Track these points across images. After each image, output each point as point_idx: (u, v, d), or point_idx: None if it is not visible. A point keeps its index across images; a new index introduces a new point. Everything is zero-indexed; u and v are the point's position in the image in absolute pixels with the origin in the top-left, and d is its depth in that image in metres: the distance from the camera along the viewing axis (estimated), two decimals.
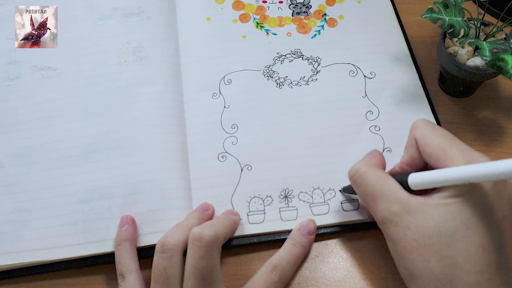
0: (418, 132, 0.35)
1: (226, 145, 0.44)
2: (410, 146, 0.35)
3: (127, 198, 0.41)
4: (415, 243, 0.31)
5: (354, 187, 0.37)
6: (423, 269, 0.31)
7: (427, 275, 0.31)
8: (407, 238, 0.32)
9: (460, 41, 0.41)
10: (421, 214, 0.31)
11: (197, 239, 0.34)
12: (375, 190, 0.34)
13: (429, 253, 0.31)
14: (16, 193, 0.42)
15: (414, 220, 0.31)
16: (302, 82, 0.48)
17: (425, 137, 0.34)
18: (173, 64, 0.49)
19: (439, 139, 0.33)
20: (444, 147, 0.33)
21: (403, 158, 0.36)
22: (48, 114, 0.46)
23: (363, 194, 0.36)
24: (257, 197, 0.42)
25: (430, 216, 0.31)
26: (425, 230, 0.31)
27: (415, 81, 0.48)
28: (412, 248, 0.31)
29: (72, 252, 0.39)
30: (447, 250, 0.30)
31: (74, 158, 0.43)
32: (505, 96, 0.48)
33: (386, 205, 0.33)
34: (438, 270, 0.30)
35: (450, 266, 0.30)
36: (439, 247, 0.30)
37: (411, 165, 0.35)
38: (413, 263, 0.31)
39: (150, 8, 0.52)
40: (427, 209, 0.31)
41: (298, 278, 0.39)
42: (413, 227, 0.31)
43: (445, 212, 0.31)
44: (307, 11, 0.54)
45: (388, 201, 0.33)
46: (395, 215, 0.32)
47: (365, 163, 0.36)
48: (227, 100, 0.47)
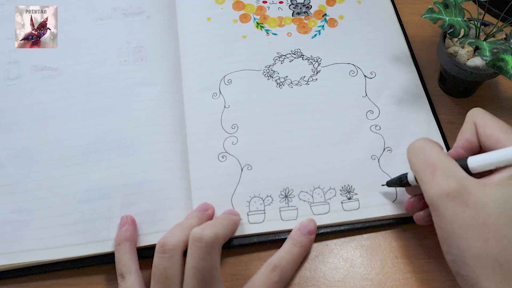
0: (478, 117, 0.35)
1: (226, 145, 0.44)
2: (467, 130, 0.35)
3: (127, 198, 0.41)
4: (473, 221, 0.30)
5: (414, 157, 0.35)
6: (480, 248, 0.30)
7: (485, 254, 0.30)
8: (464, 215, 0.31)
9: (460, 41, 0.41)
10: (481, 193, 0.31)
11: (197, 239, 0.34)
12: (437, 162, 0.33)
13: (488, 232, 0.30)
14: (16, 193, 0.42)
15: (473, 198, 0.31)
16: (302, 82, 0.48)
17: (486, 121, 0.34)
18: (173, 64, 0.49)
19: (499, 124, 0.34)
20: (505, 129, 0.33)
21: (458, 142, 0.36)
22: (48, 114, 0.46)
23: (422, 164, 0.34)
24: (257, 197, 0.42)
25: (490, 196, 0.31)
26: (485, 209, 0.30)
27: (415, 81, 0.48)
28: (470, 226, 0.30)
29: (72, 252, 0.39)
30: (506, 231, 0.30)
31: (74, 158, 0.43)
32: (505, 96, 0.48)
33: (445, 178, 0.32)
34: (497, 250, 0.30)
35: (509, 246, 0.30)
36: (498, 227, 0.30)
37: (467, 148, 0.35)
38: (469, 242, 0.31)
39: (150, 8, 0.52)
40: (487, 189, 0.31)
41: (298, 278, 0.39)
42: (472, 204, 0.31)
43: (505, 193, 0.30)
44: (307, 11, 0.54)
45: (448, 174, 0.32)
46: (454, 190, 0.31)
47: (428, 139, 0.36)
48: (227, 100, 0.47)
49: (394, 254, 0.40)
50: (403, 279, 0.38)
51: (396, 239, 0.40)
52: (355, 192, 0.42)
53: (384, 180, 0.42)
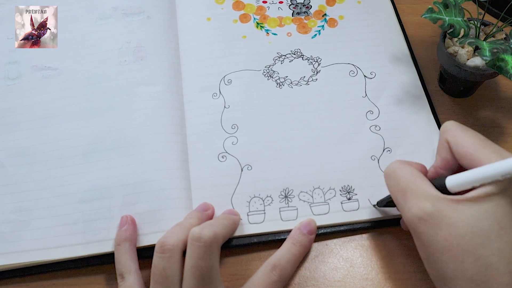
0: (449, 134, 0.34)
1: (226, 145, 0.44)
2: (442, 148, 0.35)
3: (127, 198, 0.41)
4: (447, 244, 0.30)
5: (387, 181, 0.36)
6: (456, 270, 0.30)
7: (461, 276, 0.30)
8: (438, 238, 0.30)
9: (460, 41, 0.41)
10: (453, 212, 0.30)
11: (196, 239, 0.34)
12: (407, 185, 0.33)
13: (463, 254, 0.30)
14: (16, 193, 0.42)
15: (445, 218, 0.30)
16: (302, 82, 0.48)
17: (457, 139, 0.33)
18: (173, 64, 0.49)
19: (472, 140, 0.33)
20: (478, 146, 0.32)
21: (436, 162, 0.35)
22: (48, 114, 0.46)
23: (394, 189, 0.34)
24: (257, 197, 0.42)
25: (462, 214, 0.30)
26: (457, 229, 0.30)
27: (415, 81, 0.48)
28: (444, 248, 0.30)
29: (72, 252, 0.39)
30: (481, 250, 0.29)
31: (74, 158, 0.43)
32: (505, 96, 0.48)
33: (416, 201, 0.32)
34: (472, 271, 0.29)
35: (485, 266, 0.29)
36: (473, 247, 0.29)
37: (445, 168, 0.35)
38: (445, 264, 0.30)
39: (150, 8, 0.52)
40: (459, 207, 0.30)
41: (298, 278, 0.39)
42: (445, 226, 0.30)
43: (478, 210, 0.30)
44: (307, 11, 0.54)
45: (419, 197, 0.32)
46: (425, 213, 0.31)
47: (403, 161, 0.36)
48: (227, 100, 0.47)
49: (394, 254, 0.40)
50: (403, 279, 0.38)
51: (396, 239, 0.40)
52: (355, 193, 0.42)
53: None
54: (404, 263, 0.39)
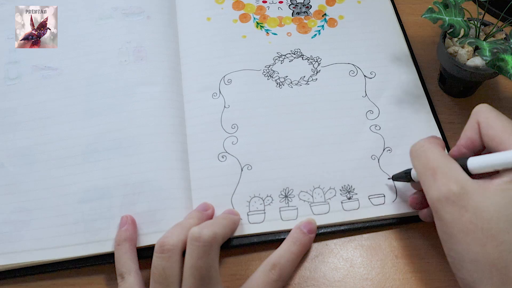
0: (482, 115, 0.34)
1: (226, 145, 0.44)
2: (471, 128, 0.35)
3: (127, 198, 0.41)
4: (472, 226, 0.30)
5: (415, 159, 0.35)
6: (478, 253, 0.30)
7: (482, 259, 0.30)
8: (463, 220, 0.31)
9: (460, 41, 0.41)
10: (481, 197, 0.31)
11: (196, 239, 0.34)
12: (437, 165, 0.33)
13: (487, 237, 0.30)
14: (16, 193, 0.42)
15: (472, 202, 0.31)
16: (302, 82, 0.48)
17: (489, 120, 0.33)
18: (173, 64, 0.49)
19: (503, 123, 0.33)
20: (509, 130, 0.32)
21: (460, 141, 0.35)
22: (48, 114, 0.46)
23: (423, 167, 0.34)
24: (257, 196, 0.42)
25: (490, 200, 0.30)
26: (484, 213, 0.30)
27: (415, 81, 0.48)
28: (469, 230, 0.30)
29: (72, 252, 0.39)
30: (505, 236, 0.30)
31: (74, 158, 0.43)
32: (505, 96, 0.48)
33: (445, 181, 0.32)
34: (494, 255, 0.30)
35: (507, 251, 0.30)
36: (497, 232, 0.30)
37: (469, 147, 0.35)
38: (468, 246, 0.31)
39: (150, 8, 0.52)
40: (487, 192, 0.31)
41: (298, 278, 0.39)
42: (471, 209, 0.30)
43: (505, 197, 0.30)
44: (307, 11, 0.54)
45: (448, 178, 0.32)
46: (454, 194, 0.31)
47: (430, 140, 0.36)
48: (227, 100, 0.47)
49: (394, 254, 0.40)
50: (403, 279, 0.38)
51: (396, 239, 0.40)
52: (355, 192, 0.42)
53: (384, 180, 0.42)
54: (404, 263, 0.39)
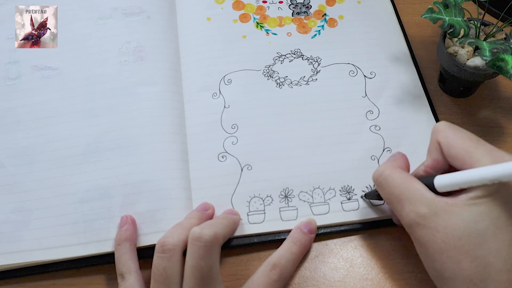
0: (440, 135, 0.34)
1: (226, 145, 0.44)
2: (434, 149, 0.35)
3: (127, 198, 0.41)
4: (445, 245, 0.31)
5: (379, 190, 0.36)
6: (454, 270, 0.31)
7: (459, 276, 0.30)
8: (436, 240, 0.31)
9: (460, 41, 0.41)
10: (449, 215, 0.31)
11: (197, 239, 0.34)
12: (401, 192, 0.33)
13: (460, 254, 0.30)
14: (16, 193, 0.42)
15: (442, 221, 0.31)
16: (302, 82, 0.48)
17: (449, 140, 0.33)
18: (173, 64, 0.49)
19: (463, 141, 0.33)
20: (469, 148, 0.32)
21: (426, 161, 0.35)
22: (48, 114, 0.46)
23: (388, 197, 0.35)
24: (257, 197, 0.42)
25: (458, 217, 0.31)
26: (454, 231, 0.30)
27: (415, 81, 0.48)
28: (442, 250, 0.31)
29: (72, 252, 0.39)
30: (478, 251, 0.30)
31: (74, 158, 0.43)
32: (505, 96, 0.48)
33: (412, 207, 0.32)
34: (470, 271, 0.30)
35: (482, 266, 0.30)
36: (469, 248, 0.30)
37: (436, 168, 0.35)
38: (443, 265, 0.31)
39: (150, 8, 0.52)
40: (455, 209, 0.31)
41: (298, 278, 0.39)
42: (442, 228, 0.31)
43: (474, 213, 0.30)
44: (307, 11, 0.54)
45: (415, 203, 0.32)
46: (422, 217, 0.32)
47: (389, 166, 0.36)
48: (227, 100, 0.47)
49: (394, 254, 0.40)
50: (403, 279, 0.39)
51: (396, 239, 0.40)
52: (355, 193, 0.42)
53: None
54: (404, 263, 0.39)
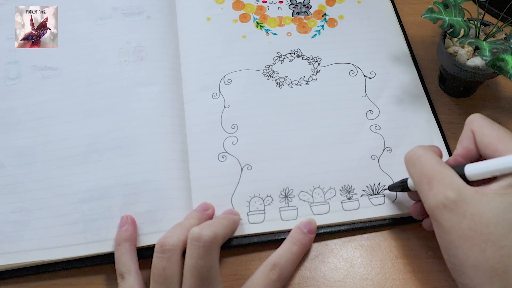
0: (475, 124, 0.34)
1: (226, 145, 0.44)
2: (466, 138, 0.35)
3: (127, 198, 0.41)
4: (471, 232, 0.30)
5: (410, 167, 0.36)
6: (477, 258, 0.30)
7: (482, 265, 0.30)
8: (462, 226, 0.31)
9: (460, 41, 0.41)
10: (479, 202, 0.31)
11: (196, 239, 0.34)
12: (432, 173, 0.33)
13: (486, 243, 0.30)
14: (16, 193, 0.42)
15: (470, 208, 0.31)
16: (302, 82, 0.48)
17: (483, 129, 0.34)
18: (173, 64, 0.49)
19: (498, 131, 0.33)
20: (503, 137, 0.32)
21: (457, 151, 0.35)
22: (48, 114, 0.46)
23: (418, 175, 0.34)
24: (257, 196, 0.42)
25: (488, 205, 0.30)
26: (482, 219, 0.30)
27: (415, 81, 0.48)
28: (467, 236, 0.30)
29: (72, 252, 0.39)
30: (504, 241, 0.30)
31: (74, 158, 0.43)
32: (505, 96, 0.48)
33: (442, 189, 0.32)
34: (494, 260, 0.30)
35: (507, 256, 0.30)
36: (496, 237, 0.30)
37: (466, 157, 0.35)
38: (467, 252, 0.31)
39: (150, 8, 0.52)
40: (485, 198, 0.31)
41: (298, 278, 0.39)
42: (469, 215, 0.31)
43: (504, 202, 0.30)
44: (307, 11, 0.54)
45: (445, 185, 0.32)
46: (451, 201, 0.31)
47: (424, 147, 0.36)
48: (227, 100, 0.47)
49: (394, 254, 0.40)
50: (403, 279, 0.39)
51: (396, 239, 0.40)
52: (355, 192, 0.42)
53: (384, 180, 0.42)
54: (404, 263, 0.39)
